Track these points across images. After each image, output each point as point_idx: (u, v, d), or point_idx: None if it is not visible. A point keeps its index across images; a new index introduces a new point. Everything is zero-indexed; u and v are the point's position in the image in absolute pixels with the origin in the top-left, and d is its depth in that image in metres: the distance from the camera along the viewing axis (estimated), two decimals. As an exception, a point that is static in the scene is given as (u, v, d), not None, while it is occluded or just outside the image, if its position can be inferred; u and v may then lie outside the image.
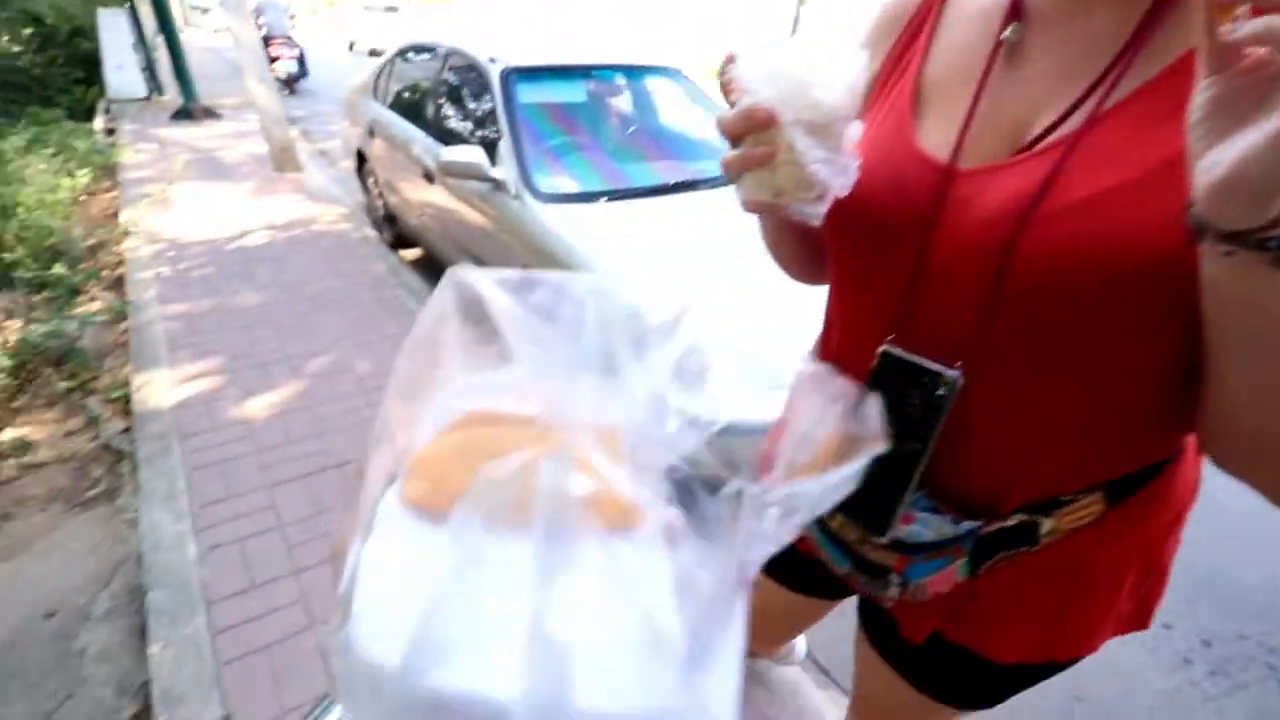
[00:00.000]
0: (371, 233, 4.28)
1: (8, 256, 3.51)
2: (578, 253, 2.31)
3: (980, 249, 0.50)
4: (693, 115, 3.35)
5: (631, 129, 3.34)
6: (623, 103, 3.40)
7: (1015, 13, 0.54)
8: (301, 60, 10.58)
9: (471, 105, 3.12)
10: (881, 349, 0.59)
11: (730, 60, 0.50)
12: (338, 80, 6.95)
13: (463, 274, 0.42)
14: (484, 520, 0.25)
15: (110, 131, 6.83)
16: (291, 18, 13.80)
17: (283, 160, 5.52)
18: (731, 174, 0.53)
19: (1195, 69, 0.35)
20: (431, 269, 4.01)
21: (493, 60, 2.89)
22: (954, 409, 0.55)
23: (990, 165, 0.52)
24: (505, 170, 2.64)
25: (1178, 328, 0.45)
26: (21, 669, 1.57)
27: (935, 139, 0.55)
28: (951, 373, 0.54)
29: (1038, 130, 0.50)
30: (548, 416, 0.32)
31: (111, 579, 1.82)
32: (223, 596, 1.72)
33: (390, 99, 3.95)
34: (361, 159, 4.40)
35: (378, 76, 4.17)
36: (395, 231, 4.16)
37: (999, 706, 0.74)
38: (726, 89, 0.51)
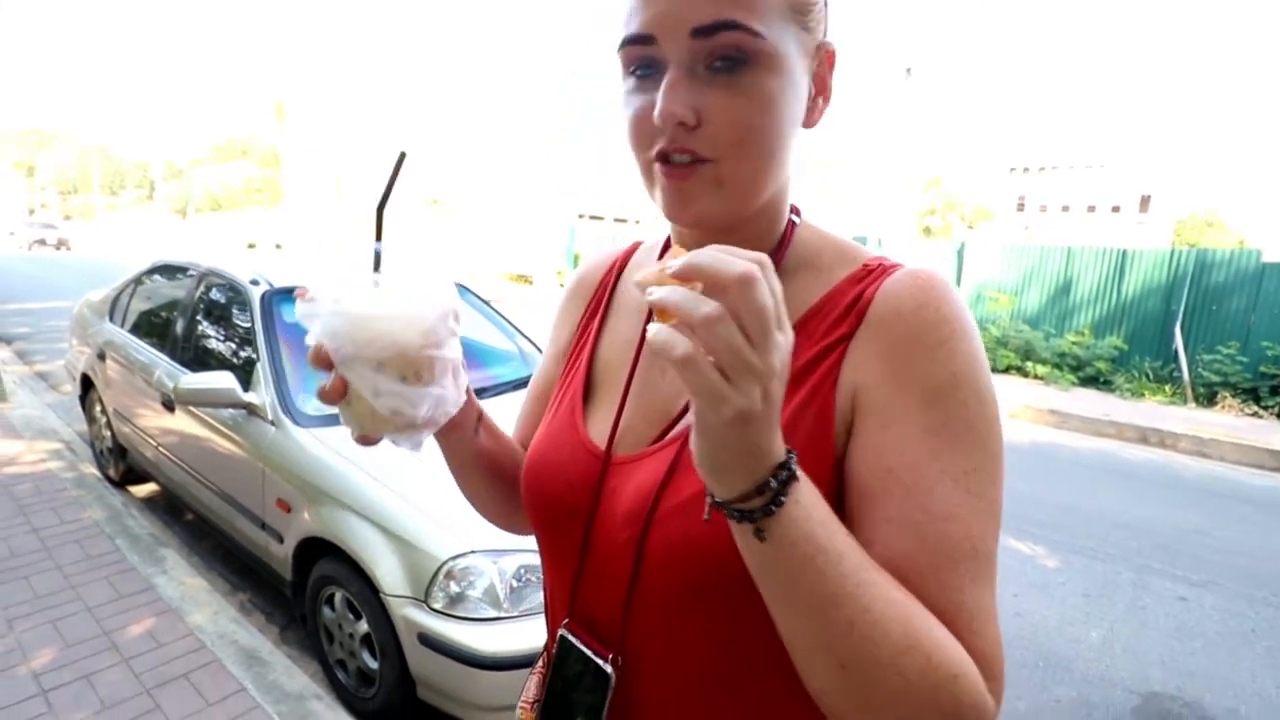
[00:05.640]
0: (91, 470, 3.54)
1: None
2: (345, 479, 2.08)
3: (622, 544, 0.52)
4: (477, 323, 3.43)
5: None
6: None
7: None
8: None
9: (226, 328, 2.88)
10: (559, 631, 0.58)
11: (300, 296, 0.49)
12: None
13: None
14: None
15: None
16: None
17: (-21, 389, 4.53)
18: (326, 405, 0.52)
19: None
20: (170, 507, 3.37)
21: (255, 282, 2.74)
22: (616, 701, 0.53)
23: (636, 454, 0.55)
24: (261, 395, 2.39)
25: None
26: None
27: (599, 426, 0.59)
28: (606, 666, 0.53)
29: (674, 418, 0.55)
30: None
31: None
32: None
33: (131, 320, 3.53)
34: (88, 384, 3.76)
35: (118, 295, 3.75)
36: (125, 465, 3.50)
37: None
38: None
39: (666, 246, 0.64)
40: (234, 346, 2.76)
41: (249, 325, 2.63)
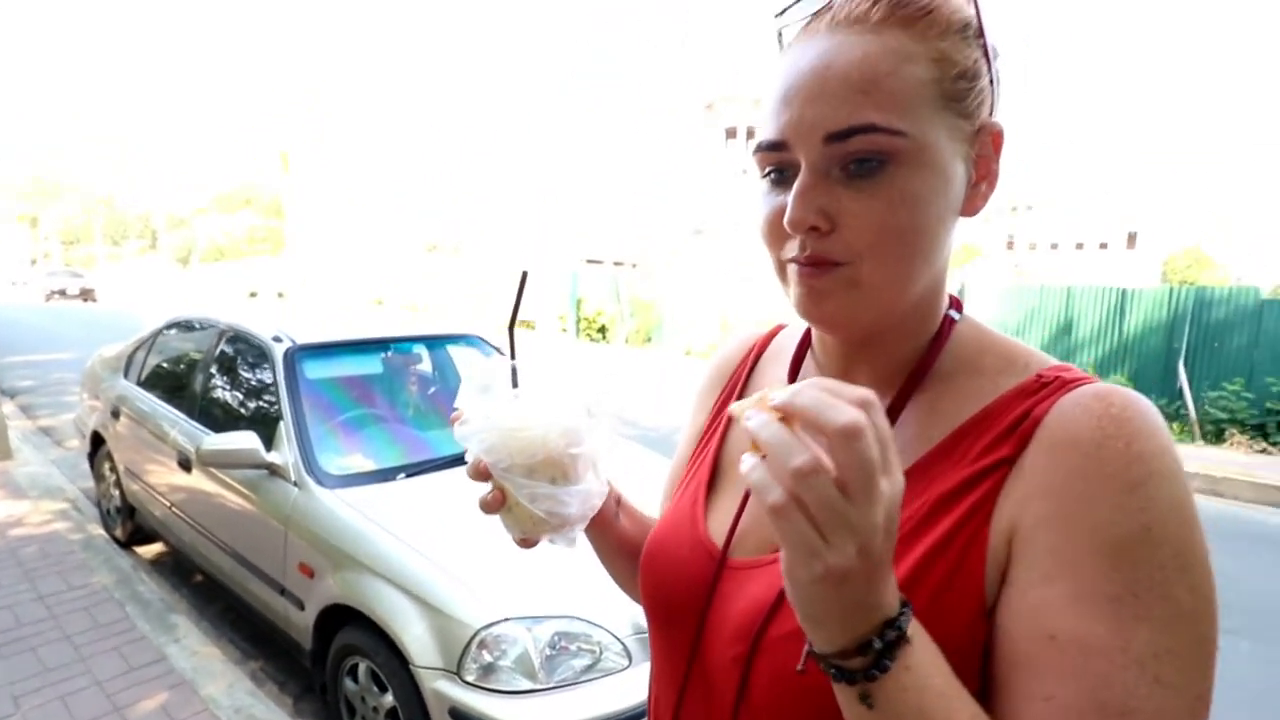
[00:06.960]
0: (98, 531, 3.47)
1: None
2: (373, 542, 2.03)
3: (728, 662, 0.49)
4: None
5: (432, 390, 3.29)
6: (423, 369, 3.38)
7: None
8: None
9: (247, 385, 2.86)
10: None
11: (454, 420, 0.56)
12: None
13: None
14: None
15: None
16: None
17: (-17, 446, 4.48)
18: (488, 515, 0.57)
19: None
20: (178, 569, 3.29)
21: (277, 339, 2.74)
22: None
23: (752, 561, 0.51)
24: (284, 454, 2.36)
25: None
26: None
27: (720, 520, 0.56)
28: None
29: None
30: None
31: None
32: None
33: (145, 376, 3.51)
34: (98, 441, 3.72)
35: (134, 351, 3.74)
36: (133, 524, 3.43)
37: None
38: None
39: (807, 338, 0.60)
40: (255, 404, 2.74)
41: (271, 383, 2.62)
